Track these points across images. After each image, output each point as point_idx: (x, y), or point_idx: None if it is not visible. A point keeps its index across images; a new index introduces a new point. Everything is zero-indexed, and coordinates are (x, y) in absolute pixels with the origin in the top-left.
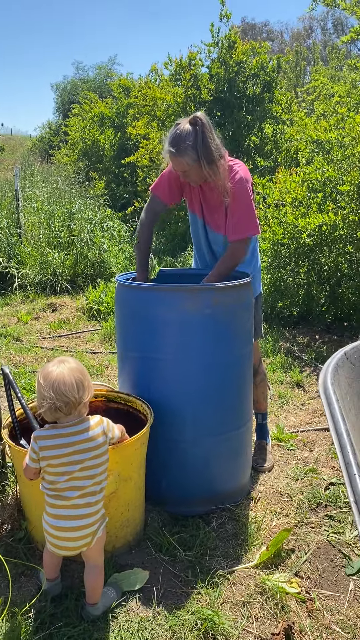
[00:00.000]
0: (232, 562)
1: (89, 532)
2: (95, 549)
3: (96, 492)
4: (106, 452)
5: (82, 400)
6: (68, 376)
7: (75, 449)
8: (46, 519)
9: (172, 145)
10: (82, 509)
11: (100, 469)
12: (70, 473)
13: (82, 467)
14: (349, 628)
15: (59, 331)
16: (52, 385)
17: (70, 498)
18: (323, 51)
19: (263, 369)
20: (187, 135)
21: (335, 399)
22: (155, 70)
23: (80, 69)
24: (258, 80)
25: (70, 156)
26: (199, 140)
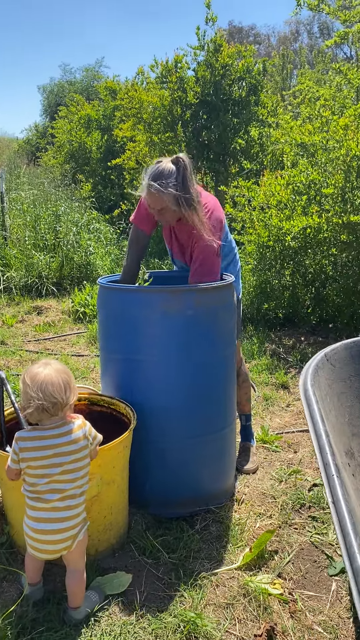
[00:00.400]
0: (216, 564)
1: (69, 535)
2: (76, 552)
3: (76, 495)
4: (87, 455)
5: (69, 402)
6: (55, 377)
7: (56, 452)
8: (27, 522)
9: (153, 180)
10: (63, 511)
11: (81, 472)
12: (51, 476)
13: (62, 471)
14: (330, 628)
15: (44, 334)
16: (40, 385)
17: (50, 501)
18: (309, 55)
19: (245, 369)
20: (169, 174)
21: (315, 400)
22: (142, 73)
23: (67, 71)
24: (244, 84)
25: (57, 158)
26: (179, 181)
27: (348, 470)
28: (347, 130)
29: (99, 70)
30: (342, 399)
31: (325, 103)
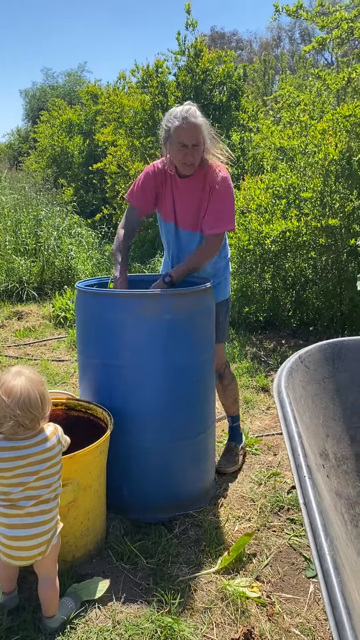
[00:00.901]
0: (194, 568)
1: (43, 540)
2: (48, 559)
3: (50, 500)
4: (60, 460)
5: (45, 414)
6: (32, 391)
7: (30, 461)
8: (0, 530)
9: (191, 116)
10: (37, 516)
11: (55, 477)
12: (25, 484)
13: (37, 477)
14: (308, 631)
15: (24, 339)
16: (17, 402)
17: (24, 507)
18: (291, 60)
19: (230, 371)
20: (197, 112)
21: (289, 401)
22: (124, 78)
23: (49, 76)
24: (225, 88)
25: (39, 163)
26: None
27: (322, 471)
28: (325, 134)
29: (81, 75)
30: (317, 401)
31: (305, 108)
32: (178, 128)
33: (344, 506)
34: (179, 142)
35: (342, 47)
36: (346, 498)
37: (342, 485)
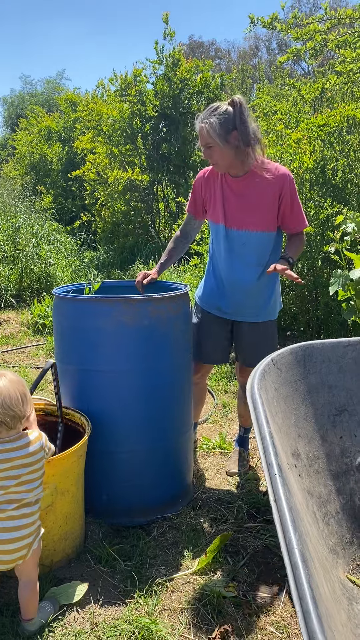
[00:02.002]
0: (172, 570)
1: (25, 544)
2: (29, 562)
3: (32, 503)
4: (43, 466)
5: (26, 413)
6: (13, 390)
7: (12, 465)
8: None
9: (201, 119)
10: (18, 520)
11: (37, 482)
12: (6, 488)
13: (18, 482)
14: (283, 628)
15: (2, 346)
16: None
17: (5, 510)
18: (268, 70)
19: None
20: (222, 112)
21: (261, 402)
22: (102, 86)
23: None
24: (202, 97)
25: (17, 170)
26: (236, 120)
27: (294, 470)
28: (300, 143)
29: (60, 83)
30: (289, 402)
31: (281, 117)
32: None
33: (316, 504)
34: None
35: (317, 58)
36: (317, 497)
37: (313, 484)
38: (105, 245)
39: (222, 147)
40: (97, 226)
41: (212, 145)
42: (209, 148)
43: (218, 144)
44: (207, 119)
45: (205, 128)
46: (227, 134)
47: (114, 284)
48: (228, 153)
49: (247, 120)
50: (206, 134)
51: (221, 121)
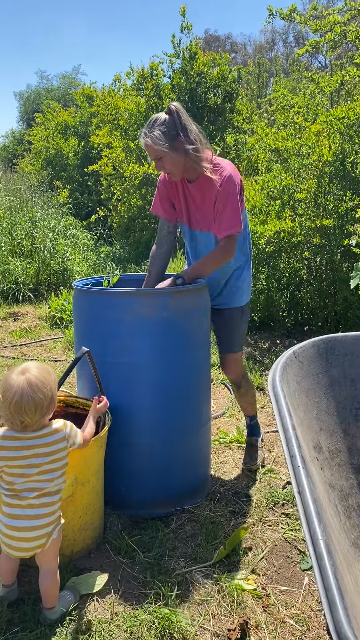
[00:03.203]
0: (191, 562)
1: (44, 533)
2: (49, 552)
3: (52, 493)
4: (66, 456)
5: (41, 419)
6: (27, 395)
7: (34, 453)
8: (1, 519)
9: (142, 136)
10: (38, 509)
11: (59, 472)
12: (28, 475)
13: (39, 471)
14: (302, 621)
15: (20, 340)
16: (9, 403)
17: (26, 498)
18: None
19: (247, 381)
20: (162, 122)
21: (283, 395)
22: (119, 80)
23: (44, 78)
24: (219, 91)
25: (34, 165)
26: (177, 126)
27: (316, 463)
28: (319, 136)
29: (76, 77)
30: (310, 395)
31: (299, 110)
32: (142, 143)
33: (337, 497)
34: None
35: (336, 51)
36: (339, 490)
37: (335, 478)
38: (121, 240)
39: (172, 155)
40: (113, 221)
41: (162, 155)
42: (160, 159)
43: (167, 153)
44: (150, 132)
45: (151, 141)
46: (172, 141)
47: (133, 277)
48: (179, 159)
49: (186, 124)
50: (152, 146)
51: (164, 130)
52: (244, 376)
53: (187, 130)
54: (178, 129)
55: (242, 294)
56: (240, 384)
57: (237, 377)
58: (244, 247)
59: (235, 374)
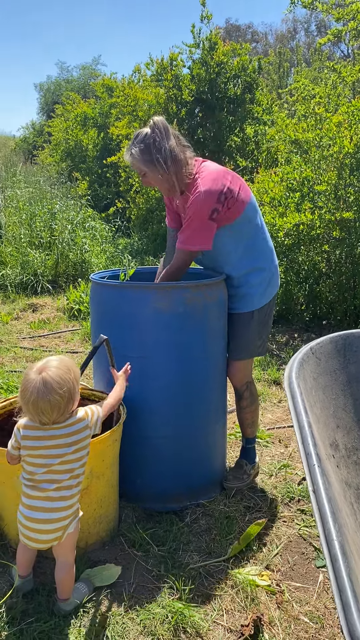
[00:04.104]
0: (205, 556)
1: (60, 526)
2: (65, 544)
3: (72, 486)
4: (87, 446)
5: (59, 417)
6: (43, 397)
7: (56, 443)
8: (20, 509)
9: (128, 147)
10: (56, 502)
11: (79, 463)
12: (49, 466)
13: (61, 461)
14: (317, 619)
15: (39, 331)
16: (27, 402)
17: (45, 490)
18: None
19: (251, 393)
20: (141, 139)
21: (299, 392)
22: (139, 71)
23: (64, 69)
24: (239, 81)
25: (53, 156)
26: (151, 144)
27: (332, 461)
28: (341, 127)
29: (96, 69)
30: (327, 392)
31: (320, 101)
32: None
33: (354, 496)
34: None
35: (359, 39)
36: (355, 488)
37: (352, 476)
38: (139, 232)
39: (153, 172)
40: (131, 213)
41: (144, 172)
42: (144, 176)
43: (147, 170)
44: (130, 150)
45: (130, 159)
46: (151, 157)
47: (149, 270)
48: (158, 177)
49: (158, 141)
50: (135, 164)
51: (141, 148)
52: (248, 386)
53: (159, 148)
54: (152, 147)
55: (251, 299)
56: (242, 394)
57: (240, 384)
58: (249, 252)
59: (238, 381)
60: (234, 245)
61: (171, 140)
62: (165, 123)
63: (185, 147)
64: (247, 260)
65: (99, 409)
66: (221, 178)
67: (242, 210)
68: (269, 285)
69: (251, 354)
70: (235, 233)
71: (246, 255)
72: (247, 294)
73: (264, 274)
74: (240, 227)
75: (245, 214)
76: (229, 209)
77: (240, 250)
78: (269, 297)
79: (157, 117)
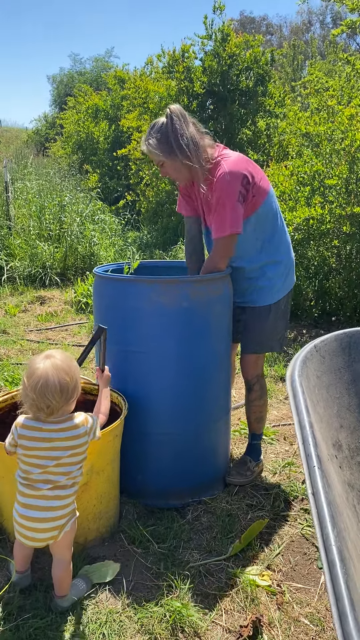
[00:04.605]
0: (205, 554)
1: (55, 526)
2: (62, 543)
3: (67, 486)
4: (85, 451)
5: (65, 404)
6: (52, 377)
7: (53, 446)
8: (15, 507)
9: (143, 142)
10: (51, 501)
11: (75, 466)
12: (45, 467)
13: (57, 464)
14: (317, 621)
15: (46, 324)
16: (34, 386)
17: (41, 489)
18: (321, 45)
19: (261, 386)
20: (158, 129)
21: (301, 391)
22: (151, 63)
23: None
24: (251, 74)
25: (65, 149)
26: (169, 133)
27: (335, 462)
28: (353, 120)
29: (109, 60)
30: (331, 391)
31: (333, 93)
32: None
33: (356, 498)
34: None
35: None
36: (359, 489)
37: (355, 477)
38: (149, 225)
39: (170, 162)
40: (141, 206)
41: (162, 162)
42: (162, 166)
43: (164, 160)
44: (147, 140)
45: (147, 149)
46: (169, 147)
47: (155, 264)
48: (177, 166)
49: (179, 130)
50: (152, 154)
51: (159, 138)
52: (258, 380)
53: (179, 135)
54: (170, 136)
55: (268, 292)
56: (252, 386)
57: (250, 378)
58: (267, 246)
59: (249, 374)
60: (254, 237)
61: (190, 127)
62: (183, 110)
63: (203, 133)
64: (265, 253)
65: (95, 418)
66: (244, 162)
67: (264, 199)
68: (286, 279)
69: (266, 349)
70: (257, 225)
71: (265, 248)
72: (264, 287)
73: (282, 267)
74: (261, 218)
75: (266, 204)
76: (253, 196)
77: (259, 243)
78: (285, 290)
79: (173, 105)
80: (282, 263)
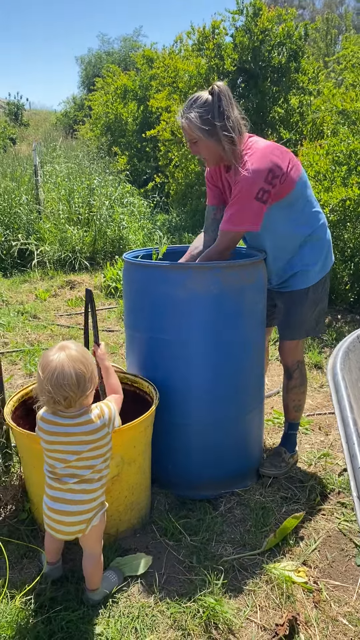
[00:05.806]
0: (239, 548)
1: (83, 519)
2: (91, 537)
3: (94, 480)
4: (108, 442)
5: (82, 395)
6: (68, 368)
7: (71, 440)
8: (45, 500)
9: (181, 114)
10: (78, 494)
11: (100, 459)
12: (67, 461)
13: (79, 458)
14: (356, 621)
15: (76, 309)
16: (50, 378)
17: (67, 483)
18: (356, 19)
19: (301, 373)
20: (201, 104)
21: (344, 385)
22: (180, 40)
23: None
24: (284, 49)
25: (93, 131)
26: (216, 111)
27: None
28: None
29: (137, 40)
30: None
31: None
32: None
33: None
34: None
35: None
36: None
37: None
38: (178, 207)
39: (207, 141)
40: (170, 188)
41: (197, 139)
42: (194, 143)
43: (201, 137)
44: (186, 113)
45: (186, 123)
46: (209, 126)
47: (182, 249)
48: (213, 147)
49: (226, 110)
50: (188, 129)
51: (201, 113)
52: (298, 366)
53: (226, 117)
54: (216, 114)
55: (305, 276)
56: (292, 373)
57: (290, 364)
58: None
59: (289, 361)
60: (287, 222)
61: (235, 110)
62: (229, 90)
63: (244, 119)
64: (300, 236)
65: (112, 406)
66: (269, 154)
67: (293, 187)
68: (325, 261)
69: (305, 334)
70: (285, 209)
71: (299, 232)
72: (301, 270)
73: (317, 249)
74: (290, 204)
75: (295, 191)
76: (280, 186)
77: (292, 227)
78: (323, 272)
79: (220, 83)
80: (317, 245)
